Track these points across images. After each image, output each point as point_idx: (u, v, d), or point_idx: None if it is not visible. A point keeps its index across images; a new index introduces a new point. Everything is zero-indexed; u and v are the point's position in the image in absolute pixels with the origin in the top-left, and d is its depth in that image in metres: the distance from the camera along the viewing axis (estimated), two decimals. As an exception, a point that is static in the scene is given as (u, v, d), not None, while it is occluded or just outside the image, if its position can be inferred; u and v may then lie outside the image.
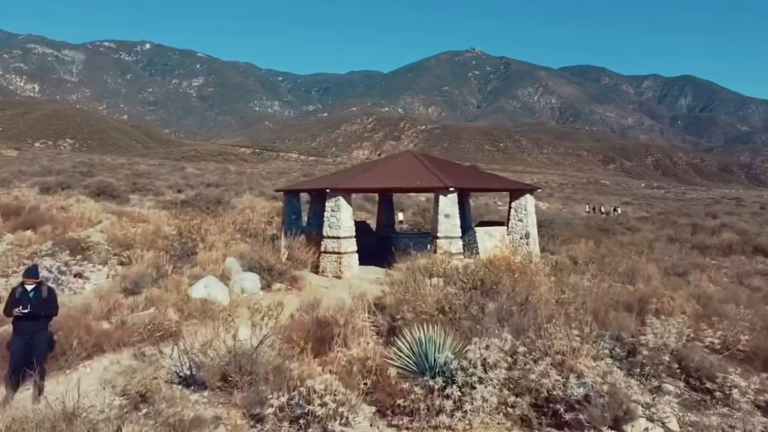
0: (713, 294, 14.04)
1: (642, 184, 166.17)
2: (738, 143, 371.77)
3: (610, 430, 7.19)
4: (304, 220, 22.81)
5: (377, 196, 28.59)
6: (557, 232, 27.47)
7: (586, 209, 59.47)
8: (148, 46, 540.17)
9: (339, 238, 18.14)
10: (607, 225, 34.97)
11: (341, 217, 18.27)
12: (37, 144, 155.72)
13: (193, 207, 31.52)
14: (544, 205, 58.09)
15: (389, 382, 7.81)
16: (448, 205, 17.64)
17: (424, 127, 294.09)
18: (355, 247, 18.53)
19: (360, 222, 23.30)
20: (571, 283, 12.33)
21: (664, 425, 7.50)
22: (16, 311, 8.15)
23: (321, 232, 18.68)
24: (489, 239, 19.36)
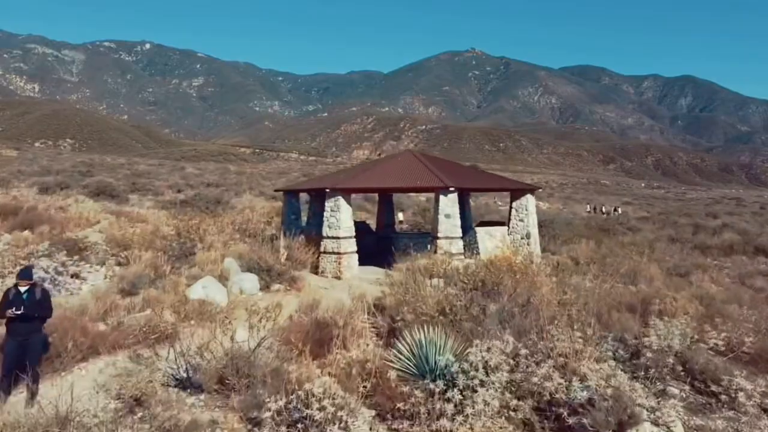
0: (716, 295, 13.88)
1: (642, 184, 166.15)
2: (738, 143, 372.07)
3: (614, 435, 7.05)
4: (303, 220, 22.69)
5: (377, 196, 28.47)
6: (558, 232, 27.39)
7: (586, 209, 59.35)
8: (148, 46, 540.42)
9: (338, 238, 18.02)
10: (608, 225, 34.85)
11: (341, 217, 18.16)
12: (37, 144, 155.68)
13: (193, 207, 31.45)
14: (545, 205, 58.03)
15: (389, 385, 7.68)
16: (449, 205, 17.52)
17: (424, 127, 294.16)
18: (354, 248, 18.42)
19: (360, 222, 23.19)
20: (572, 284, 12.21)
21: (669, 429, 7.35)
22: (9, 313, 8.03)
23: (320, 233, 18.57)
24: (490, 239, 19.27)
